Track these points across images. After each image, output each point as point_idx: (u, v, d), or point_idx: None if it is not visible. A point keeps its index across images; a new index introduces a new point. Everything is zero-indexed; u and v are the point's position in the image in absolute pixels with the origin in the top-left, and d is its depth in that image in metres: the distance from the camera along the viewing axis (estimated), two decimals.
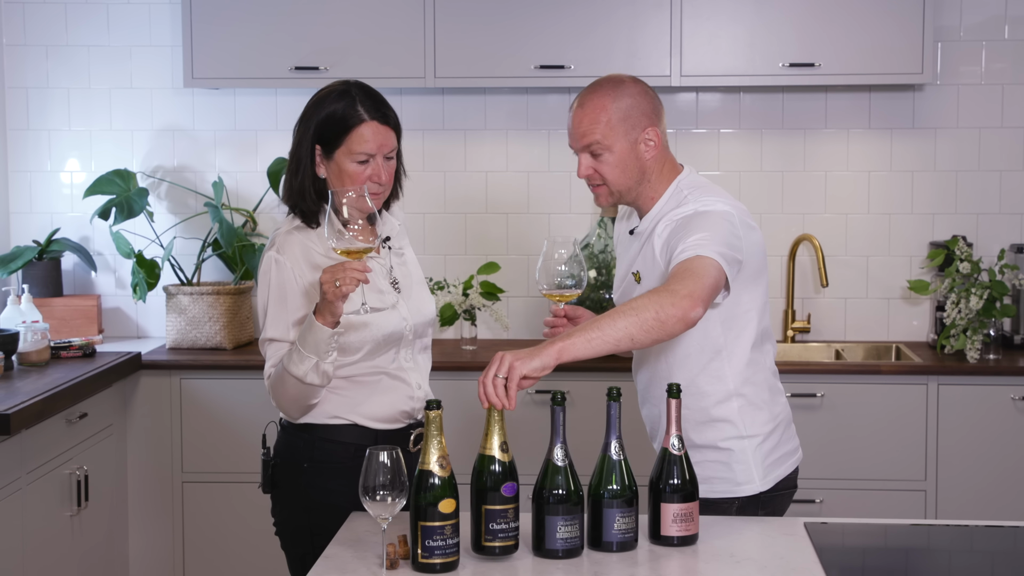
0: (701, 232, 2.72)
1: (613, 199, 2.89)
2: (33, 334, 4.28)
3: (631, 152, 2.83)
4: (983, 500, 4.37)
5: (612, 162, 2.82)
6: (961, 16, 4.77)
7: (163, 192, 4.98)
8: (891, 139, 4.85)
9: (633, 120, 2.82)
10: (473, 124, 4.92)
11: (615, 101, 2.82)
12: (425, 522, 2.38)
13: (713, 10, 4.50)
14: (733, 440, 2.87)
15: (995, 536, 2.73)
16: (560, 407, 2.49)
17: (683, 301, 2.55)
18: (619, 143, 2.81)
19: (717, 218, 2.76)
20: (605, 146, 2.81)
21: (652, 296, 2.56)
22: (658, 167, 2.87)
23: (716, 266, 2.65)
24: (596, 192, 2.89)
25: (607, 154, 2.82)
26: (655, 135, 2.84)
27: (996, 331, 4.52)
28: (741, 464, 2.87)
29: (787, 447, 2.97)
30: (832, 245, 4.86)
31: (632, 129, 2.82)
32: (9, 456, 3.65)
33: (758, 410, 2.90)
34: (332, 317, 2.63)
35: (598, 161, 2.83)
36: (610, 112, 2.81)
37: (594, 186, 2.88)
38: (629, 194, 2.88)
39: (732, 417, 2.87)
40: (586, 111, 2.83)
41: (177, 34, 4.86)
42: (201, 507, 4.51)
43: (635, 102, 2.83)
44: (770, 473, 2.91)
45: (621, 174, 2.84)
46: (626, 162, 2.83)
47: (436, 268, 4.92)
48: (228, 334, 4.69)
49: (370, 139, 2.78)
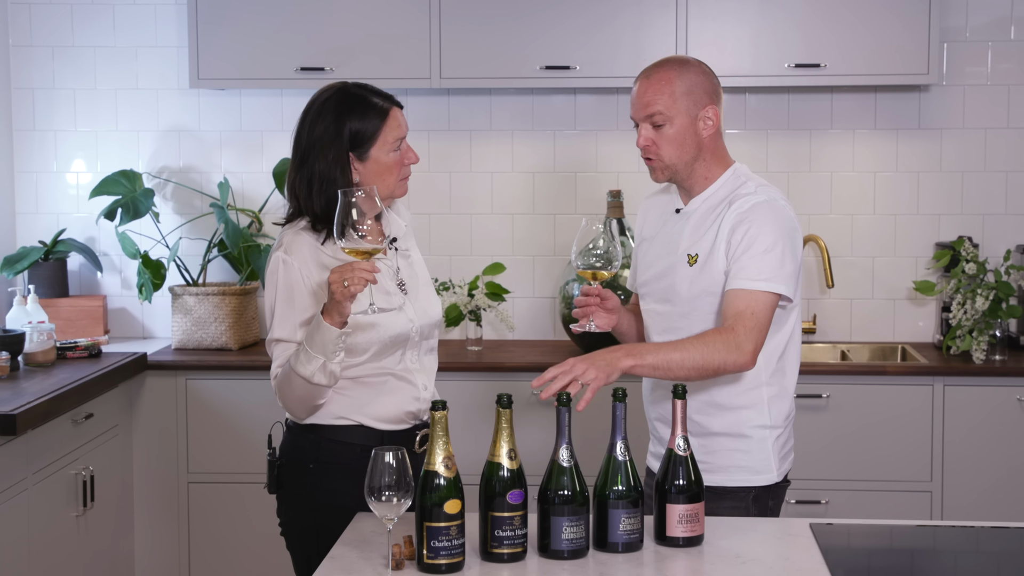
0: (770, 251, 2.80)
1: (667, 174, 2.93)
2: (39, 334, 4.28)
3: (691, 127, 2.88)
4: (989, 501, 4.36)
5: (671, 135, 2.87)
6: (967, 17, 4.77)
7: (169, 193, 4.98)
8: (897, 140, 4.84)
9: (696, 96, 2.88)
10: (479, 125, 4.92)
11: (680, 76, 2.88)
12: (430, 523, 2.38)
13: (719, 11, 4.50)
14: (757, 428, 2.91)
15: (1001, 537, 2.73)
16: (566, 408, 2.49)
17: (746, 357, 2.75)
18: (680, 116, 2.87)
19: (785, 229, 2.84)
20: (667, 117, 2.86)
21: (719, 343, 2.72)
22: (713, 148, 2.93)
23: (775, 303, 2.81)
24: (651, 166, 2.93)
25: (668, 126, 2.87)
26: (714, 114, 2.90)
27: (1002, 332, 4.51)
28: (761, 453, 2.91)
29: (792, 441, 3.02)
30: (838, 245, 4.86)
31: (694, 105, 2.88)
32: (15, 456, 3.66)
33: (783, 401, 2.95)
34: (340, 317, 2.63)
35: (658, 133, 2.88)
36: (675, 85, 2.87)
37: (648, 159, 2.92)
38: (684, 170, 2.91)
39: (761, 405, 2.91)
40: (652, 82, 2.89)
41: (183, 35, 4.86)
42: (207, 508, 4.52)
43: (699, 80, 2.89)
44: (782, 464, 2.96)
45: (679, 148, 2.88)
46: (684, 137, 2.88)
47: (441, 269, 4.92)
48: (234, 334, 4.69)
49: (401, 122, 2.84)
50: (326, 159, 2.79)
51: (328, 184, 2.78)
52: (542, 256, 4.92)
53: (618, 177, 4.85)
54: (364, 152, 2.81)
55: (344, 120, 2.80)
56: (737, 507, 2.89)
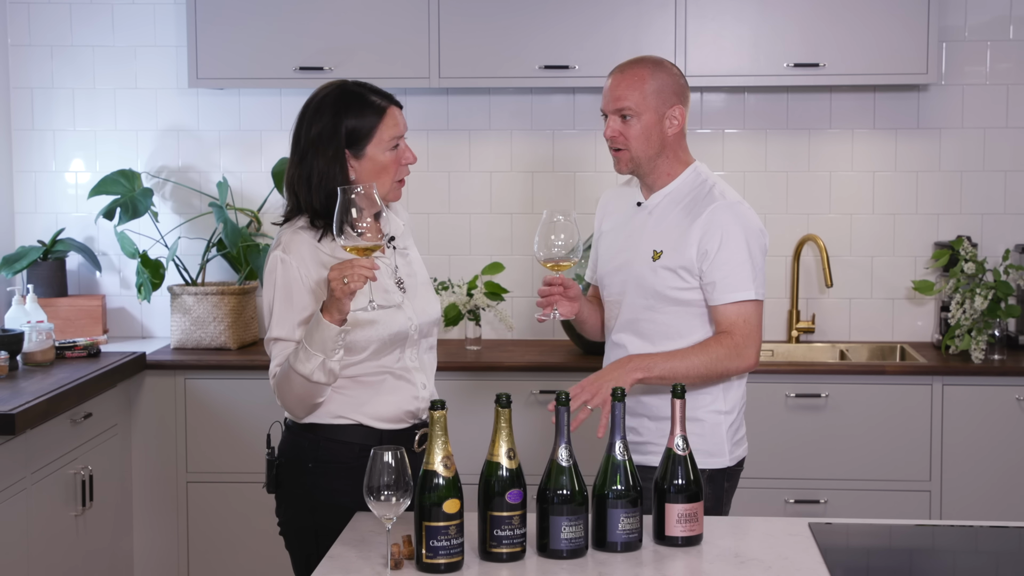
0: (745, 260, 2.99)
1: (631, 166, 3.09)
2: (38, 334, 4.28)
3: (656, 124, 3.04)
4: (988, 501, 4.36)
5: (638, 129, 3.04)
6: (966, 16, 4.77)
7: (168, 192, 4.98)
8: (896, 139, 4.84)
9: (664, 96, 3.05)
10: (477, 124, 4.92)
11: (653, 75, 3.05)
12: (429, 522, 2.38)
13: (717, 10, 4.50)
14: (712, 413, 3.05)
15: (1000, 537, 2.73)
16: (564, 407, 2.49)
17: (748, 361, 3.00)
18: (648, 113, 3.04)
19: (753, 234, 3.03)
20: (635, 112, 3.03)
21: (722, 351, 2.96)
22: (676, 146, 3.09)
23: (761, 306, 3.03)
24: (617, 156, 3.10)
25: (635, 120, 3.04)
26: (680, 114, 3.07)
27: (1001, 331, 4.52)
28: (715, 437, 3.06)
29: (744, 429, 3.16)
30: (837, 245, 4.86)
31: (662, 104, 3.04)
32: (14, 456, 3.66)
33: (734, 388, 3.10)
34: (339, 314, 2.63)
35: (625, 125, 3.05)
36: (647, 83, 3.04)
37: (616, 150, 3.09)
38: (647, 164, 3.08)
39: (714, 390, 3.06)
40: (625, 76, 3.07)
41: (182, 34, 4.86)
42: (206, 507, 4.52)
43: (671, 81, 3.07)
44: (735, 450, 3.10)
45: (644, 142, 3.04)
46: (650, 132, 3.04)
47: (440, 268, 4.92)
48: (232, 334, 4.69)
49: (399, 121, 2.85)
50: (325, 156, 2.79)
51: (328, 181, 2.78)
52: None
53: (617, 177, 4.83)
54: (360, 150, 2.81)
55: (341, 117, 2.80)
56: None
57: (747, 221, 3.03)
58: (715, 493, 3.04)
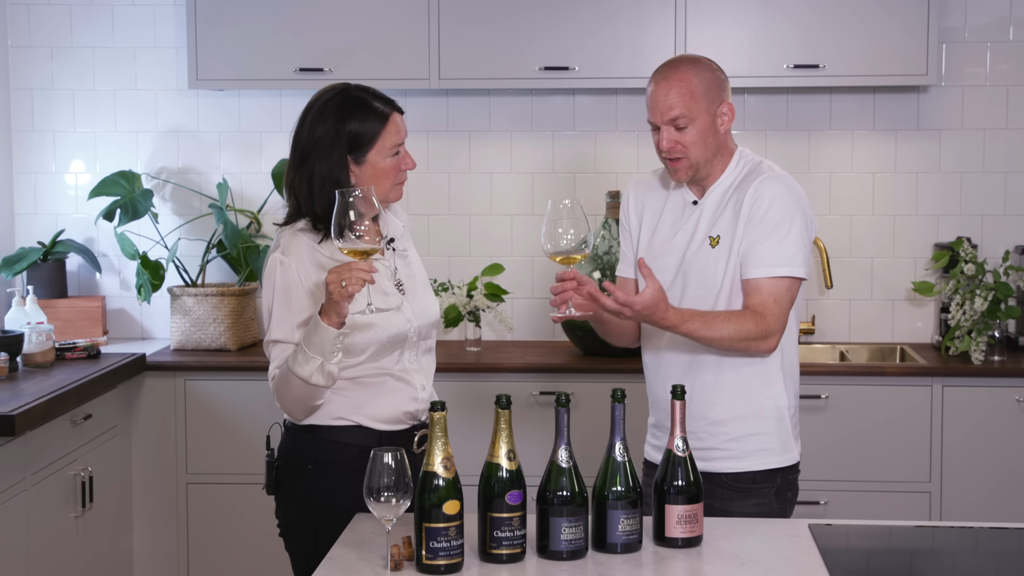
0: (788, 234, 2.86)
1: (690, 173, 2.94)
2: (38, 335, 4.28)
3: (711, 126, 2.91)
4: (988, 502, 4.36)
5: (694, 135, 2.89)
6: (966, 17, 4.77)
7: (168, 193, 4.98)
8: (896, 140, 4.84)
9: (713, 94, 2.91)
10: (477, 125, 4.92)
11: (697, 75, 2.90)
12: (429, 523, 2.38)
13: (717, 12, 4.50)
14: (776, 409, 2.96)
15: (1000, 538, 2.73)
16: (564, 409, 2.49)
17: (771, 344, 2.86)
18: (701, 117, 2.89)
19: (800, 207, 2.89)
20: (690, 119, 2.88)
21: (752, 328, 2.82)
22: (726, 140, 2.98)
23: (796, 286, 2.91)
24: (675, 167, 2.94)
25: (691, 127, 2.89)
26: (729, 110, 2.94)
27: (1001, 333, 4.52)
28: (782, 433, 2.97)
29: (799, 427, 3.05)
30: (836, 246, 4.86)
31: (712, 103, 2.90)
32: (14, 457, 3.66)
33: (792, 379, 3.01)
34: (338, 317, 2.63)
35: (681, 133, 2.89)
36: (693, 85, 2.89)
37: (673, 160, 2.92)
38: (705, 167, 2.95)
39: (776, 384, 2.96)
40: (671, 84, 2.89)
41: (182, 35, 4.86)
42: (205, 509, 4.52)
43: (713, 77, 2.93)
44: (797, 445, 3.02)
45: (702, 147, 2.90)
46: (706, 136, 2.90)
47: (440, 269, 4.92)
48: (232, 335, 4.69)
49: (401, 128, 2.84)
50: (328, 160, 2.79)
51: (331, 185, 2.78)
52: (541, 257, 4.92)
53: (617, 178, 4.85)
54: (362, 156, 2.81)
55: (344, 122, 2.79)
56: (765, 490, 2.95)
57: (798, 193, 2.92)
58: (787, 492, 2.98)
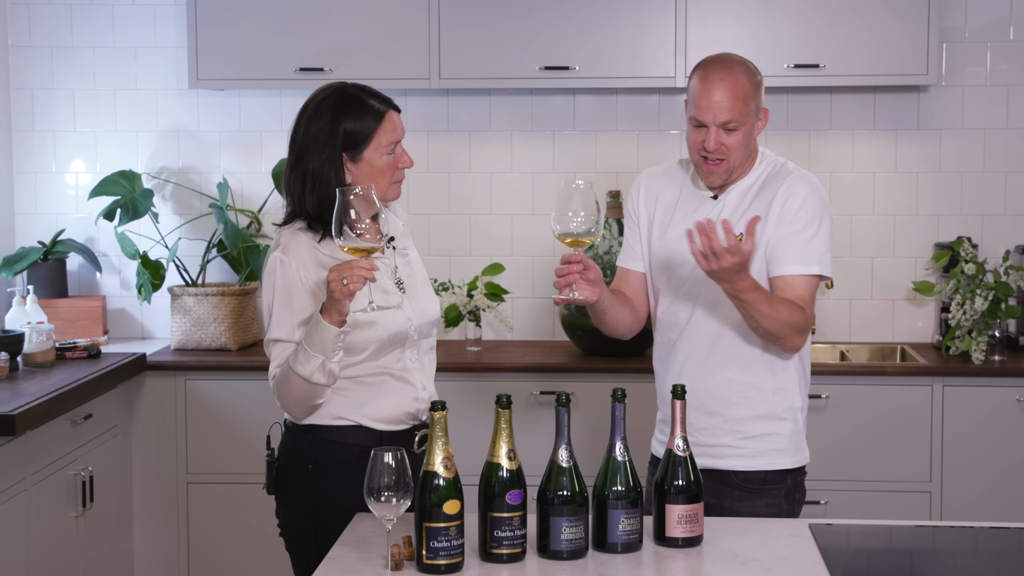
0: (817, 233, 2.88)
1: (725, 176, 2.94)
2: (38, 335, 4.28)
3: (751, 130, 2.92)
4: (988, 501, 4.36)
5: (739, 138, 2.89)
6: (966, 17, 4.77)
7: (168, 193, 4.98)
8: (896, 140, 4.84)
9: (758, 100, 2.93)
10: (478, 125, 4.92)
11: (749, 79, 2.90)
12: (430, 523, 2.38)
13: (718, 11, 4.50)
14: (791, 410, 2.96)
15: (1000, 538, 2.73)
16: (565, 408, 2.49)
17: (802, 341, 2.87)
18: (749, 120, 2.90)
19: (826, 208, 2.92)
20: (740, 123, 2.88)
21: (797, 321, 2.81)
22: (755, 142, 2.98)
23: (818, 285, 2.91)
24: (714, 168, 2.92)
25: (739, 131, 2.88)
26: (765, 116, 2.96)
27: (1001, 332, 4.52)
28: (796, 434, 2.98)
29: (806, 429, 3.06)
30: (837, 246, 4.83)
31: (756, 108, 2.92)
32: (14, 457, 3.66)
33: (805, 380, 3.01)
34: (339, 316, 2.63)
35: (728, 136, 2.88)
36: (747, 89, 2.89)
37: (716, 161, 2.91)
38: (738, 170, 2.95)
39: (792, 386, 2.97)
40: (728, 86, 2.87)
41: (182, 35, 4.86)
42: (206, 508, 4.52)
43: (758, 81, 2.93)
44: (806, 447, 3.03)
45: (743, 150, 2.91)
46: (749, 139, 2.92)
47: (440, 269, 4.92)
48: (233, 335, 4.69)
49: (397, 126, 2.83)
50: (320, 158, 2.79)
51: (321, 183, 2.78)
52: (541, 257, 4.92)
53: (617, 177, 4.85)
54: (358, 153, 2.81)
55: (339, 120, 2.79)
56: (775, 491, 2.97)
57: (824, 195, 2.95)
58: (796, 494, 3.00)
